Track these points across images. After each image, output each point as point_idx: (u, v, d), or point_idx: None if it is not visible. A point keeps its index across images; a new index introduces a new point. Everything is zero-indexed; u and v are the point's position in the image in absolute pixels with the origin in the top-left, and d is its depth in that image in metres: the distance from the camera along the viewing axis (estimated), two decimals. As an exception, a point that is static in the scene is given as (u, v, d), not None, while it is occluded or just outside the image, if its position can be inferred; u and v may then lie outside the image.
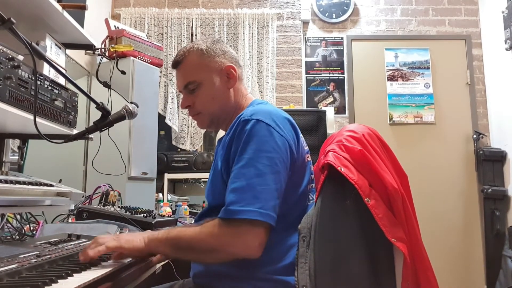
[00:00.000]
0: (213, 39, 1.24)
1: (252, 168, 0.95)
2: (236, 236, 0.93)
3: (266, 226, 0.93)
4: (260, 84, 3.62)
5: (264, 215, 0.92)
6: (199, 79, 1.18)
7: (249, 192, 0.93)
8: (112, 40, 2.68)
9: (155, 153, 2.76)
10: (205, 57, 1.19)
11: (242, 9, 3.69)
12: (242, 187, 0.94)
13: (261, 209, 0.91)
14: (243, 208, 0.91)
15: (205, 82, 1.18)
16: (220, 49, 1.21)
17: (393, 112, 3.69)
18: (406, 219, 0.99)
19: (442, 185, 3.58)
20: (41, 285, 0.71)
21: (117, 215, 1.45)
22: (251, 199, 0.92)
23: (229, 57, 1.22)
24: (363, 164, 0.99)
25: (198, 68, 1.19)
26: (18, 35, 0.97)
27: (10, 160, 1.57)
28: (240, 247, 0.93)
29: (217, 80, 1.18)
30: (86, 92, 1.25)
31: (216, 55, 1.20)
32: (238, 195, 0.94)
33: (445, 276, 3.30)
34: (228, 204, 0.94)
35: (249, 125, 1.00)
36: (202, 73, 1.18)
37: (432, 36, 3.80)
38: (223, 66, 1.20)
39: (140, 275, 1.07)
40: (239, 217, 0.91)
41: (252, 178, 0.94)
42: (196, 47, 1.20)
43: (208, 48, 1.20)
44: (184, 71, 1.21)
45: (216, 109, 1.20)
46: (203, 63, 1.19)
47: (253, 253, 0.93)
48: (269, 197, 0.94)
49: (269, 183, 0.94)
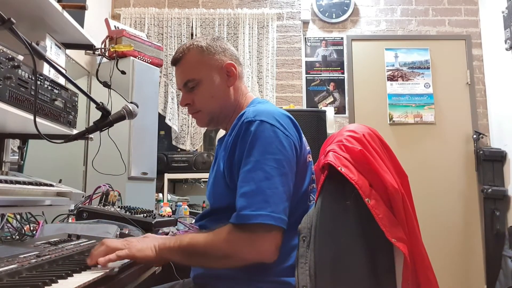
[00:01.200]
0: (213, 37, 1.22)
1: (260, 171, 0.94)
2: (251, 242, 0.92)
3: (279, 230, 0.93)
4: (260, 84, 3.62)
5: (277, 219, 0.91)
6: (199, 76, 1.16)
7: (259, 196, 0.92)
8: (112, 40, 2.68)
9: (155, 153, 2.76)
10: (205, 54, 1.17)
11: (242, 9, 3.69)
12: (252, 191, 0.93)
13: (273, 212, 0.91)
14: (255, 213, 0.91)
15: (205, 80, 1.16)
16: (220, 47, 1.20)
17: (393, 112, 3.69)
18: (406, 219, 0.99)
19: (442, 185, 3.58)
20: (41, 285, 0.71)
21: (117, 215, 1.45)
22: (262, 203, 0.92)
23: (229, 55, 1.20)
24: (364, 164, 0.99)
25: (197, 66, 1.17)
26: (18, 35, 0.96)
27: (10, 160, 1.57)
28: (255, 253, 0.93)
29: (217, 78, 1.17)
30: (86, 92, 1.25)
31: (216, 53, 1.18)
32: (248, 200, 0.93)
33: (445, 276, 3.30)
34: (240, 209, 0.93)
35: (253, 126, 0.99)
36: (201, 71, 1.16)
37: (432, 36, 3.80)
38: (223, 64, 1.18)
39: (140, 275, 1.07)
40: (252, 222, 0.91)
41: (261, 182, 0.93)
42: (196, 44, 1.18)
43: (208, 45, 1.18)
44: (183, 68, 1.19)
45: (216, 107, 1.18)
46: (202, 60, 1.17)
47: (268, 257, 0.93)
48: (279, 200, 0.93)
49: (278, 186, 0.94)
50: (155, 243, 0.99)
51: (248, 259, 0.94)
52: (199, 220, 1.19)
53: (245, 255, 0.94)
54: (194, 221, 1.29)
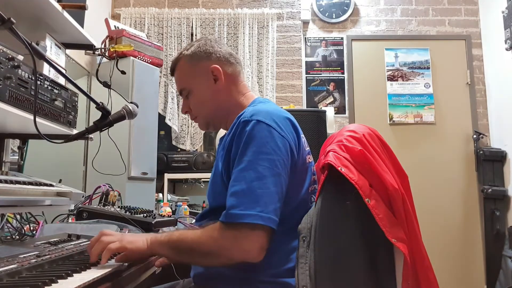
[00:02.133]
0: (200, 43, 1.24)
1: (252, 171, 0.94)
2: (235, 240, 0.92)
3: (267, 230, 0.92)
4: (260, 84, 3.62)
5: (265, 218, 0.91)
6: (188, 86, 1.23)
7: (249, 195, 0.92)
8: (112, 40, 2.67)
9: (155, 153, 2.76)
10: (192, 63, 1.22)
11: (242, 9, 3.69)
12: (242, 191, 0.93)
13: (261, 212, 0.91)
14: (244, 212, 0.91)
15: (194, 88, 1.22)
16: (206, 51, 1.21)
17: (393, 112, 3.69)
18: (407, 219, 0.99)
19: (442, 185, 3.58)
20: (41, 285, 0.71)
21: (117, 215, 1.45)
22: (251, 203, 0.91)
23: (215, 58, 1.21)
24: (364, 164, 0.99)
25: (186, 75, 1.23)
26: (18, 35, 0.96)
27: (10, 160, 1.57)
28: (239, 251, 0.93)
29: (204, 84, 1.20)
30: (86, 92, 1.25)
31: (201, 59, 1.21)
32: (238, 199, 0.93)
33: (445, 276, 3.30)
34: (229, 208, 0.93)
35: (249, 126, 0.99)
36: (189, 80, 1.22)
37: (432, 36, 3.80)
38: (208, 68, 1.20)
39: (140, 275, 1.07)
40: (239, 221, 0.91)
41: (252, 182, 0.93)
42: (184, 53, 1.24)
43: (193, 53, 1.22)
44: (176, 78, 1.27)
45: (209, 112, 1.22)
46: (190, 70, 1.22)
47: (252, 257, 0.93)
48: (270, 201, 0.93)
49: (270, 186, 0.94)
50: (148, 237, 1.01)
51: (233, 257, 0.94)
52: (200, 219, 1.19)
53: (230, 254, 0.93)
54: (195, 221, 1.29)
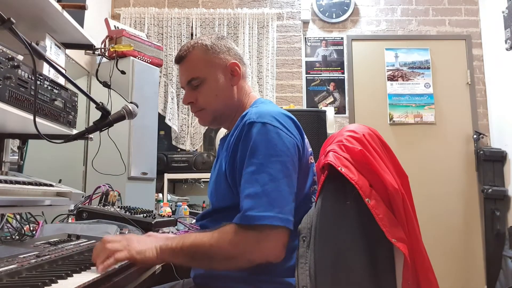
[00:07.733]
0: (218, 35, 1.22)
1: (264, 173, 0.94)
2: (257, 242, 0.92)
3: (286, 231, 0.93)
4: (260, 84, 3.62)
5: (283, 219, 0.91)
6: (203, 75, 1.15)
7: (265, 197, 0.92)
8: (112, 40, 2.67)
9: (155, 153, 2.75)
10: (209, 53, 1.17)
11: (242, 9, 3.69)
12: (257, 193, 0.93)
13: (280, 214, 0.91)
14: (262, 214, 0.91)
15: (209, 79, 1.16)
16: (225, 46, 1.19)
17: (393, 112, 3.69)
18: (407, 219, 0.99)
19: (443, 185, 3.58)
20: (41, 285, 0.71)
21: (117, 215, 1.45)
22: (268, 205, 0.91)
23: (233, 54, 1.20)
24: (364, 164, 0.99)
25: (202, 64, 1.16)
26: (18, 35, 0.96)
27: (10, 160, 1.56)
28: (261, 253, 0.93)
29: (221, 77, 1.16)
30: (86, 92, 1.25)
31: (220, 52, 1.18)
32: (254, 201, 0.93)
33: (445, 276, 3.30)
34: (246, 210, 0.92)
35: (255, 128, 0.99)
36: (206, 69, 1.16)
37: (432, 36, 3.80)
38: (227, 63, 1.17)
39: (140, 276, 1.06)
40: (259, 223, 0.90)
41: (266, 184, 0.93)
42: (200, 43, 1.18)
43: (213, 44, 1.18)
44: (188, 66, 1.18)
45: (220, 106, 1.17)
46: (207, 59, 1.16)
47: (275, 257, 0.93)
48: (285, 202, 0.93)
49: (283, 187, 0.94)
50: (157, 244, 0.96)
51: (255, 260, 0.93)
52: (200, 219, 1.19)
53: (251, 256, 0.93)
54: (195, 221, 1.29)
